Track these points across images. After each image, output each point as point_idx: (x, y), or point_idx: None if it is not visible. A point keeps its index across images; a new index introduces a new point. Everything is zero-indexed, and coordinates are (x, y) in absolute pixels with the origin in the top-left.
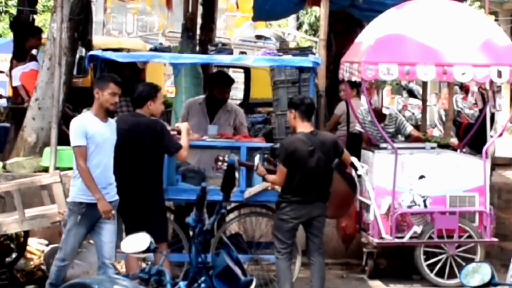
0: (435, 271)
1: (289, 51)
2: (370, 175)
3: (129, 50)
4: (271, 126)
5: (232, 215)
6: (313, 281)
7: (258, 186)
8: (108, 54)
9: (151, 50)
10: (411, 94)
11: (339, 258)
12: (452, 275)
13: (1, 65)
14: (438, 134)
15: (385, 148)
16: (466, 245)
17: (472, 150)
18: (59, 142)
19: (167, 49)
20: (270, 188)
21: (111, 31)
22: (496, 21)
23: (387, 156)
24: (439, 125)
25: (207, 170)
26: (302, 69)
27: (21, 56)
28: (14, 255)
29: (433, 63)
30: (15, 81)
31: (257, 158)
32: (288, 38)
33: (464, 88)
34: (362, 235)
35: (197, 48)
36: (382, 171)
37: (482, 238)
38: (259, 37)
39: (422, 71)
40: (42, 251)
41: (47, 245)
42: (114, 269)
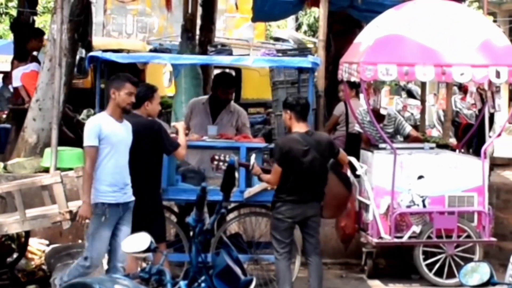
0: (434, 271)
1: (288, 52)
2: (369, 175)
3: (129, 51)
4: (271, 127)
5: (232, 215)
6: (311, 281)
7: (258, 186)
8: (108, 55)
9: (151, 51)
10: (410, 95)
11: (339, 258)
12: (451, 275)
13: (2, 66)
14: (437, 135)
15: (384, 148)
16: (465, 245)
17: (474, 154)
18: (60, 143)
19: (167, 50)
20: (270, 188)
21: (111, 32)
22: (495, 22)
23: (386, 156)
24: (438, 126)
25: (207, 170)
26: (301, 70)
27: (22, 57)
28: (15, 255)
29: (432, 64)
30: (16, 82)
31: (253, 158)
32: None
33: (463, 89)
34: (361, 235)
35: (197, 49)
36: (381, 171)
37: (481, 238)
38: (277, 40)
39: (421, 72)
40: (43, 251)
41: (48, 245)
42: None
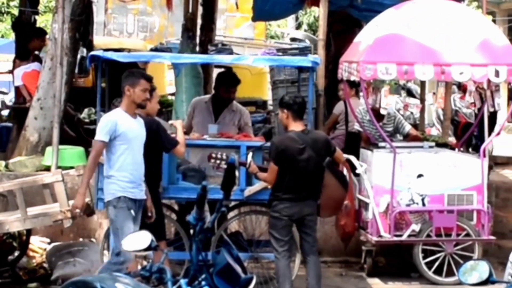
0: (433, 269)
1: (289, 51)
2: (369, 174)
3: (130, 50)
4: (271, 126)
5: (232, 214)
6: (309, 279)
7: (258, 185)
8: (109, 54)
9: (152, 50)
10: (410, 94)
11: (338, 256)
12: (450, 273)
13: (4, 65)
14: (436, 133)
15: (384, 147)
16: (464, 243)
17: (474, 151)
18: (61, 142)
19: (168, 49)
20: (270, 187)
21: (112, 32)
22: (494, 21)
23: (386, 155)
24: (437, 124)
25: (208, 169)
26: (302, 69)
27: (24, 56)
28: (17, 253)
29: (431, 63)
30: (17, 81)
31: (250, 156)
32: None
33: (462, 88)
34: (361, 233)
35: (197, 48)
36: (381, 170)
37: (480, 236)
38: (294, 40)
39: (420, 71)
40: (44, 249)
41: (49, 243)
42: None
